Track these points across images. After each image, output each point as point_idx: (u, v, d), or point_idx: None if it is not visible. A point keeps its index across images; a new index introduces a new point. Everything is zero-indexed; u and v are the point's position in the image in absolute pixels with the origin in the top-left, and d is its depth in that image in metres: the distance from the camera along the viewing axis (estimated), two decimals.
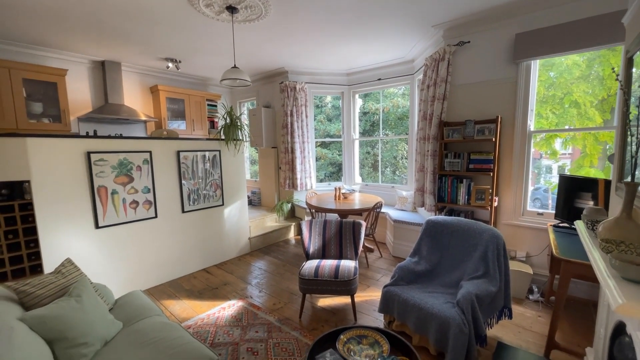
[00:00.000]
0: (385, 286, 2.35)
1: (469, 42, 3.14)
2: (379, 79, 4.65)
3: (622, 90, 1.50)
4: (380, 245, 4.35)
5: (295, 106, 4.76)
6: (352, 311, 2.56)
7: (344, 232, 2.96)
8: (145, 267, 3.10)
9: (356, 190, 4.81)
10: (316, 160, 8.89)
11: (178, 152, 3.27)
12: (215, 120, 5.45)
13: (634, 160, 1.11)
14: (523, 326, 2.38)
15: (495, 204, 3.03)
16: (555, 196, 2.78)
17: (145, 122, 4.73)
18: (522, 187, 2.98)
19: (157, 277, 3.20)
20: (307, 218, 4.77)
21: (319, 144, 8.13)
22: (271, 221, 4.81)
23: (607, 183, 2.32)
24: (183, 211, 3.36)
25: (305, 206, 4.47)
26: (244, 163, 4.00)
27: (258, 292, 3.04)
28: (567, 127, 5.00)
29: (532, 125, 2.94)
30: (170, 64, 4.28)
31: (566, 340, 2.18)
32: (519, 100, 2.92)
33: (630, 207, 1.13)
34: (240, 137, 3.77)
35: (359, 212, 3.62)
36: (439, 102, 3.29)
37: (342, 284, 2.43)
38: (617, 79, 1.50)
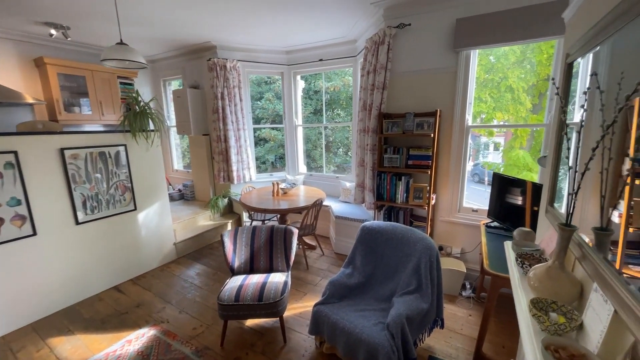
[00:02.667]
0: (315, 305, 2.11)
1: (409, 24, 2.85)
2: (321, 60, 4.21)
3: (559, 98, 1.31)
4: (323, 240, 4.15)
5: (227, 88, 4.15)
6: (281, 332, 2.30)
7: (274, 240, 2.63)
8: (27, 297, 2.48)
9: (298, 184, 4.48)
10: (266, 142, 8.33)
11: (62, 150, 2.57)
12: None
13: (572, 200, 0.91)
14: (454, 329, 2.35)
15: (433, 201, 2.93)
16: (491, 177, 2.74)
17: (31, 105, 3.75)
18: (459, 183, 2.91)
19: (47, 306, 2.60)
20: (245, 216, 4.36)
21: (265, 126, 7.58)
22: (204, 219, 4.30)
23: (534, 185, 2.30)
24: (77, 223, 2.72)
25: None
26: (160, 157, 3.39)
27: (178, 312, 2.63)
28: (502, 122, 5.16)
29: (470, 119, 2.81)
30: (53, 31, 3.33)
31: (494, 343, 2.18)
32: (458, 92, 2.76)
33: (564, 254, 0.95)
34: (157, 127, 3.14)
35: (298, 211, 3.32)
36: (379, 91, 3.01)
37: (267, 307, 2.13)
38: (553, 84, 1.30)
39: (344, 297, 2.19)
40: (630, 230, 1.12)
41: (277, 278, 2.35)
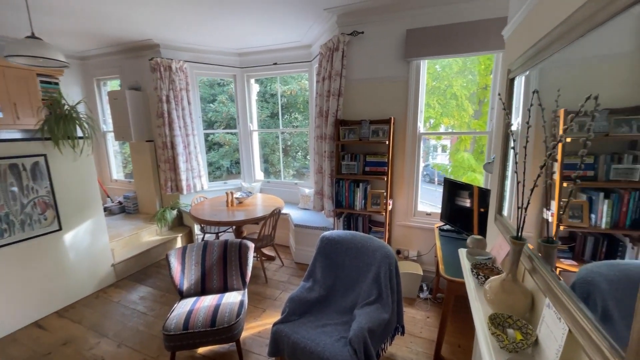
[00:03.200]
0: (274, 324, 1.98)
1: (362, 32, 2.87)
2: (275, 64, 4.09)
3: (505, 111, 1.37)
4: (283, 249, 4.01)
5: (173, 90, 3.82)
6: (238, 357, 2.12)
7: (228, 257, 2.44)
8: None
9: (254, 192, 4.29)
10: (220, 147, 7.89)
11: None
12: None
13: (521, 214, 0.92)
14: (414, 334, 2.39)
15: (390, 207, 2.98)
16: (442, 179, 2.86)
17: None
18: (414, 188, 3.00)
19: None
20: (197, 229, 4.04)
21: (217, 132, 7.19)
22: (150, 234, 3.89)
23: (480, 189, 2.44)
24: None
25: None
26: (92, 168, 2.97)
27: (116, 346, 2.30)
28: (448, 126, 5.52)
29: (421, 127, 2.92)
30: None
31: (450, 344, 2.25)
32: (410, 101, 2.84)
33: (516, 267, 0.96)
34: (86, 134, 2.74)
35: (255, 221, 3.14)
36: (335, 98, 2.98)
37: (221, 332, 1.95)
38: (500, 99, 1.36)
39: (304, 313, 2.09)
40: (561, 227, 1.23)
41: (232, 298, 2.17)
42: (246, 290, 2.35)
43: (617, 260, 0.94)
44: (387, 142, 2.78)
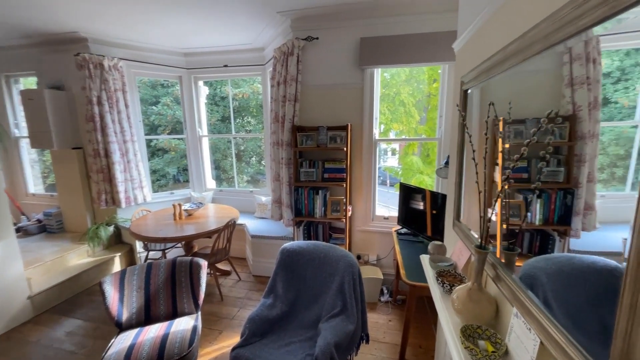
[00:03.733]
0: (233, 349, 1.80)
1: (317, 38, 2.85)
2: (226, 66, 3.87)
3: (463, 123, 1.42)
4: (239, 262, 3.78)
5: (106, 91, 3.37)
6: None
7: (178, 277, 2.20)
8: None
9: (206, 202, 3.99)
10: (165, 153, 7.22)
11: None
12: None
13: (484, 224, 0.94)
14: (378, 339, 2.40)
15: (350, 213, 2.99)
16: (395, 180, 2.95)
17: None
18: (371, 194, 3.04)
19: None
20: (140, 246, 3.61)
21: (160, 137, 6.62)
22: (79, 256, 3.36)
23: (432, 193, 2.56)
24: None
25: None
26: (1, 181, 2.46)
27: None
28: (397, 131, 5.80)
29: (377, 133, 2.98)
30: None
31: (411, 345, 2.30)
32: (365, 107, 2.89)
33: (481, 276, 0.98)
34: None
35: (208, 235, 2.89)
36: (291, 103, 2.90)
37: None
38: (458, 109, 1.41)
39: (266, 333, 1.96)
40: (504, 226, 1.33)
41: (183, 324, 1.94)
42: (199, 313, 2.13)
43: (553, 254, 1.02)
44: (345, 149, 2.78)
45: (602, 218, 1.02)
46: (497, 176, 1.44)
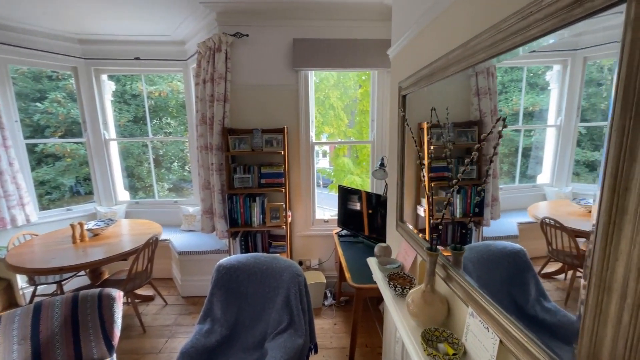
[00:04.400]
0: None
1: (247, 35, 2.67)
2: (138, 58, 3.34)
3: (405, 123, 1.46)
4: (164, 283, 3.30)
5: None
6: None
7: (82, 316, 1.76)
8: None
9: (117, 218, 3.38)
10: (57, 160, 5.88)
11: None
12: None
13: (432, 223, 0.96)
14: (325, 346, 2.36)
15: (290, 219, 2.89)
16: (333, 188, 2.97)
17: None
18: (311, 197, 3.00)
19: None
20: (23, 282, 2.83)
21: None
22: None
23: (367, 194, 2.65)
24: None
25: None
26: None
27: None
28: (328, 134, 5.94)
29: (313, 136, 2.96)
30: None
31: (357, 345, 2.32)
32: (301, 110, 2.83)
33: (434, 277, 1.00)
34: None
35: (123, 257, 2.42)
36: (220, 104, 2.65)
37: None
38: (401, 112, 1.44)
39: None
40: (432, 220, 1.44)
41: None
42: (114, 356, 1.75)
43: (475, 244, 1.13)
44: (282, 152, 2.67)
45: (502, 207, 1.23)
46: (424, 175, 1.56)
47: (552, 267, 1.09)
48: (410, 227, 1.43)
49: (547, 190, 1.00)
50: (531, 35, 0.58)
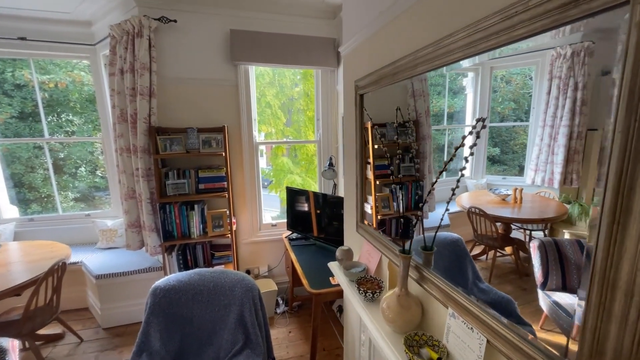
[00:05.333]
0: None
1: (175, 21, 2.34)
2: (24, 39, 2.65)
3: (361, 125, 1.44)
4: (78, 315, 2.72)
5: None
6: None
7: None
8: None
9: (3, 240, 2.66)
10: None
11: None
12: None
13: (400, 227, 0.94)
14: (282, 357, 2.23)
15: (235, 226, 2.65)
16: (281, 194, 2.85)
17: None
18: (257, 201, 2.81)
19: None
20: None
21: None
22: None
23: (315, 194, 2.60)
24: None
25: None
26: None
27: None
28: (285, 139, 5.76)
29: (257, 135, 2.77)
30: None
31: (318, 349, 2.26)
32: (242, 108, 2.62)
33: (407, 280, 0.98)
34: None
35: (15, 293, 1.88)
36: (145, 99, 2.27)
37: None
38: (365, 113, 1.40)
39: None
40: (378, 217, 1.49)
41: None
42: None
43: (421, 236, 1.19)
44: (223, 154, 2.42)
45: (435, 200, 1.29)
46: (370, 173, 1.59)
47: (477, 250, 1.21)
48: (373, 228, 1.42)
49: (468, 182, 1.08)
50: (517, 35, 0.58)
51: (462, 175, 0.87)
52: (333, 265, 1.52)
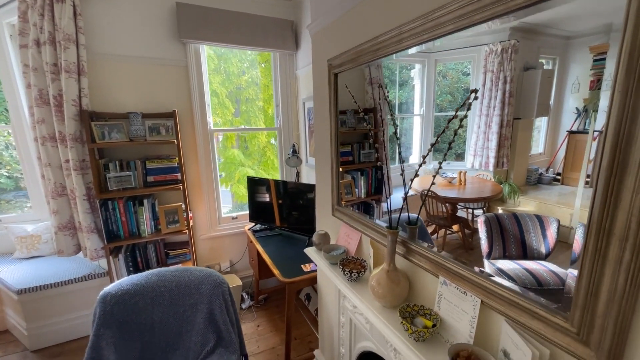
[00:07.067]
0: None
1: None
2: None
3: (335, 108, 1.40)
4: None
5: None
6: None
7: None
8: None
9: None
10: None
11: None
12: None
13: (389, 203, 0.95)
14: (254, 352, 2.15)
15: (192, 222, 2.44)
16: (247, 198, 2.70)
17: None
18: (214, 193, 2.62)
19: None
20: None
21: None
22: None
23: (276, 182, 2.53)
24: None
25: None
26: None
27: None
28: (242, 127, 5.43)
29: (211, 122, 2.56)
30: None
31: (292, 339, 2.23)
32: (193, 91, 2.38)
33: (394, 255, 1.00)
34: None
35: None
36: (72, 77, 1.92)
37: None
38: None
39: None
40: (342, 203, 1.52)
41: None
42: None
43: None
44: (175, 142, 2.18)
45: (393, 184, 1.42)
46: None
47: (429, 229, 1.32)
48: (351, 210, 1.42)
49: (417, 168, 1.18)
50: (516, 5, 0.60)
51: (424, 162, 0.91)
52: (310, 251, 1.49)
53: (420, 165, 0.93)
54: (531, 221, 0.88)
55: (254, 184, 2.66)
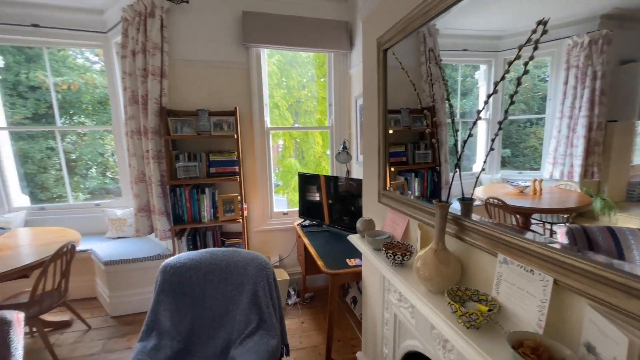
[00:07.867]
0: None
1: (187, 2, 2.32)
2: (36, 25, 2.66)
3: (384, 88, 1.36)
4: (86, 304, 2.65)
5: None
6: None
7: None
8: None
9: (14, 226, 2.63)
10: None
11: None
12: None
13: (451, 176, 0.84)
14: (296, 347, 2.12)
15: (246, 212, 2.58)
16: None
17: None
18: (268, 188, 2.74)
19: None
20: None
21: None
22: None
23: (326, 178, 2.53)
24: None
25: None
26: None
27: None
28: (295, 125, 5.71)
29: (268, 121, 2.71)
30: None
31: (336, 340, 2.14)
32: (254, 91, 2.57)
33: (444, 233, 0.89)
34: None
35: (22, 274, 1.83)
36: (156, 79, 2.24)
37: None
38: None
39: None
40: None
41: None
42: None
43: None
44: (235, 137, 2.36)
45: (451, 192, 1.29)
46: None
47: None
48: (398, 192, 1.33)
49: (482, 177, 1.02)
50: None
51: (483, 169, 0.79)
52: (353, 238, 1.42)
53: (480, 172, 0.81)
54: (634, 237, 0.61)
55: (305, 180, 2.70)
